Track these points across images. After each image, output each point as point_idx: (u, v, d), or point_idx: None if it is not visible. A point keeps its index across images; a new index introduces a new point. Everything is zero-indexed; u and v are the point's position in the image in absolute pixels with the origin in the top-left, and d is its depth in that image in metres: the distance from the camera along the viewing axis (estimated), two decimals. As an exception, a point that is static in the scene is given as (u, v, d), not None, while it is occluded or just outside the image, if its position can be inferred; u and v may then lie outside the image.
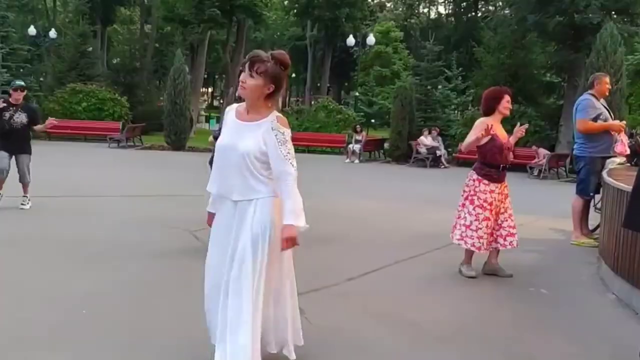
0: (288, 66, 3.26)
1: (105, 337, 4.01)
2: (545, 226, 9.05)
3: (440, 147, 21.10)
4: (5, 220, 7.97)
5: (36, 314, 4.41)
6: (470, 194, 5.82)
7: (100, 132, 23.81)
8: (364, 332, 4.33)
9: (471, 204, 5.79)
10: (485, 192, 5.78)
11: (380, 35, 42.57)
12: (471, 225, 5.78)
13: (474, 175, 5.88)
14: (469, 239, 5.79)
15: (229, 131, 3.34)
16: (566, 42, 22.15)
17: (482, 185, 5.80)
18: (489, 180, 5.81)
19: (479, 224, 5.76)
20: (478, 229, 5.76)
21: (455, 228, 5.96)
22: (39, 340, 3.92)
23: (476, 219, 5.76)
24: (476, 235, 5.77)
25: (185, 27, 33.10)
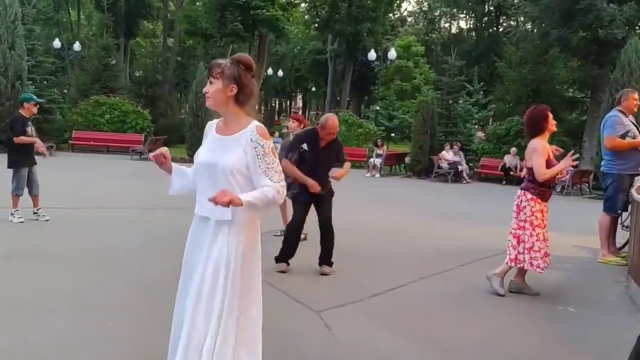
0: (249, 66, 2.99)
1: (133, 350, 4.00)
2: (570, 243, 8.91)
3: (461, 162, 20.97)
4: (30, 233, 8.03)
5: (64, 326, 4.42)
6: (528, 215, 5.73)
7: (122, 145, 24.00)
8: (389, 350, 4.28)
9: (530, 225, 5.72)
10: (540, 211, 5.74)
11: (401, 49, 42.63)
12: (533, 247, 5.70)
13: (527, 195, 5.78)
14: (534, 261, 5.71)
15: (208, 146, 3.05)
16: (589, 57, 22.00)
17: (537, 204, 5.73)
18: (541, 199, 5.76)
19: (540, 244, 5.70)
20: (540, 249, 5.71)
21: (521, 252, 5.79)
22: (69, 352, 3.92)
23: (537, 239, 5.70)
24: (540, 255, 5.71)
25: (207, 40, 33.46)
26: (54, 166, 13.70)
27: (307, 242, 8.09)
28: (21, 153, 8.58)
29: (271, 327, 4.60)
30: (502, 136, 22.24)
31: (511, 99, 25.64)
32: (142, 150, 22.75)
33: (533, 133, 5.88)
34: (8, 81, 20.04)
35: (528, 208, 5.75)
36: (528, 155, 5.86)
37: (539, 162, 5.68)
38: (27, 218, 8.48)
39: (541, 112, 5.89)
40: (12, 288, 5.38)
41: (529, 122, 5.94)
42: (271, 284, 5.79)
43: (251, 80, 3.00)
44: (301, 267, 6.60)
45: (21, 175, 8.56)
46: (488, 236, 8.74)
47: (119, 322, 4.53)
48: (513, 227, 5.87)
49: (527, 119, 5.96)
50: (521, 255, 5.79)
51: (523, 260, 5.78)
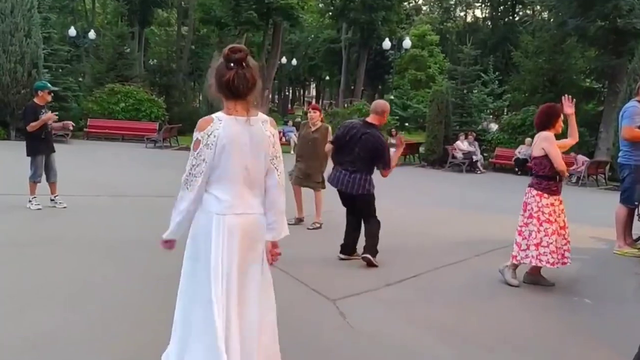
0: (227, 57, 2.94)
1: (151, 335, 4.03)
2: (586, 235, 8.85)
3: (476, 152, 20.86)
4: (48, 220, 8.10)
5: (81, 315, 4.46)
6: (534, 211, 5.72)
7: (137, 133, 24.08)
8: (406, 340, 4.28)
9: (537, 221, 5.70)
10: (547, 205, 5.71)
11: (415, 38, 42.42)
12: (542, 242, 5.68)
13: (533, 191, 5.79)
14: (543, 257, 5.69)
15: None
16: (607, 47, 21.77)
17: (543, 199, 5.71)
18: (548, 193, 5.74)
19: (549, 239, 5.67)
20: (549, 244, 5.67)
21: (524, 249, 5.79)
22: (87, 340, 3.96)
23: (545, 234, 5.67)
24: (548, 251, 5.68)
25: (221, 29, 33.40)
26: (70, 154, 13.83)
27: (322, 231, 8.14)
28: (38, 141, 8.63)
29: (287, 315, 4.62)
30: (518, 126, 22.09)
31: (527, 89, 25.46)
32: (156, 138, 22.86)
33: (542, 126, 5.88)
34: (24, 69, 20.13)
35: (534, 204, 5.75)
36: (537, 145, 5.84)
37: (554, 152, 5.67)
38: (45, 205, 8.55)
39: (555, 110, 5.89)
40: (29, 275, 5.43)
41: (541, 115, 5.92)
42: (287, 273, 5.82)
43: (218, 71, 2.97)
44: (317, 256, 6.62)
45: (38, 163, 8.63)
46: (502, 227, 8.68)
47: (133, 312, 4.57)
48: (519, 223, 5.89)
49: (541, 111, 5.97)
50: (523, 252, 5.79)
51: (526, 256, 5.77)
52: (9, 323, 4.18)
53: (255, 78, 2.99)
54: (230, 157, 2.95)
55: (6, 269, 5.59)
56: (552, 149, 5.68)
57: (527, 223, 5.79)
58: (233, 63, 2.92)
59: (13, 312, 4.39)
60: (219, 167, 2.96)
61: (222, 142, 2.92)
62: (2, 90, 19.93)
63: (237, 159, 2.96)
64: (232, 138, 2.94)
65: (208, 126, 2.94)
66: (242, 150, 2.96)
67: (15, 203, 8.60)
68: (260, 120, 3.04)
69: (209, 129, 2.93)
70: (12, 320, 4.22)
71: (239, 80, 2.92)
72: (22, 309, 4.49)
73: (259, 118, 3.04)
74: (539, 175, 5.81)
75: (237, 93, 2.95)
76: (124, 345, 3.89)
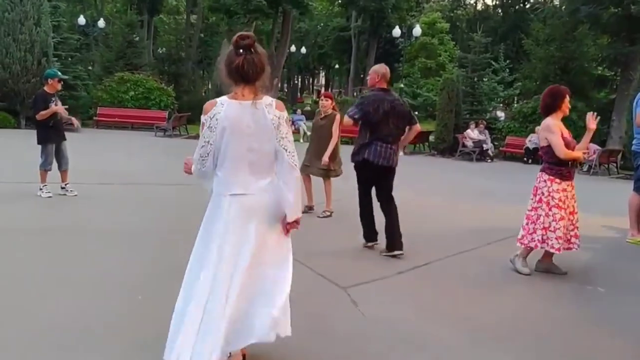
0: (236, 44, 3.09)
1: (163, 323, 4.02)
2: (598, 223, 8.79)
3: (487, 140, 20.73)
4: (58, 208, 8.11)
5: (93, 302, 4.46)
6: (544, 195, 5.67)
7: (146, 121, 24.10)
8: (418, 329, 4.25)
9: (547, 206, 5.65)
10: (558, 191, 5.66)
11: (425, 26, 42.01)
12: (550, 227, 5.64)
13: (544, 176, 5.73)
14: (549, 241, 5.66)
15: None
16: (620, 34, 21.52)
17: (554, 184, 5.66)
18: (560, 179, 5.69)
19: (556, 225, 5.63)
20: (556, 229, 5.63)
21: (530, 232, 5.76)
22: (100, 328, 3.96)
23: (554, 219, 5.63)
24: (555, 236, 5.63)
25: (230, 17, 33.28)
26: (79, 142, 13.83)
27: (332, 219, 8.11)
28: (48, 129, 8.63)
29: (298, 303, 4.60)
30: (529, 115, 21.93)
31: (538, 77, 25.22)
32: (166, 127, 22.86)
33: (547, 109, 5.82)
34: (34, 58, 20.17)
35: (545, 189, 5.70)
36: (542, 135, 5.79)
37: (555, 141, 5.61)
38: (55, 193, 8.56)
39: (559, 91, 5.82)
40: (40, 263, 5.44)
41: (545, 98, 5.87)
42: (298, 261, 5.78)
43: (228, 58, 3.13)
44: (328, 244, 6.60)
45: (49, 151, 8.63)
46: (513, 215, 8.57)
47: (148, 297, 4.56)
48: (528, 208, 5.85)
49: (545, 94, 5.91)
50: (530, 235, 5.75)
51: (532, 240, 5.73)
52: (21, 311, 4.17)
53: (264, 63, 3.12)
54: (232, 140, 3.08)
55: (18, 256, 5.59)
56: (553, 138, 5.62)
57: (536, 207, 5.75)
58: (242, 49, 3.06)
59: (26, 300, 4.40)
60: (221, 149, 3.11)
61: (223, 125, 3.06)
62: (12, 79, 19.98)
63: (239, 141, 3.09)
64: (233, 121, 3.07)
65: (212, 108, 3.11)
66: (244, 133, 3.08)
67: (26, 191, 8.62)
68: (264, 103, 3.13)
69: (212, 112, 3.10)
70: (25, 308, 4.22)
71: (248, 65, 3.06)
72: (36, 296, 4.49)
73: (263, 101, 3.13)
74: (550, 162, 5.75)
75: (246, 78, 3.08)
76: (141, 331, 3.88)
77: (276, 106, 3.16)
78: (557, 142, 5.61)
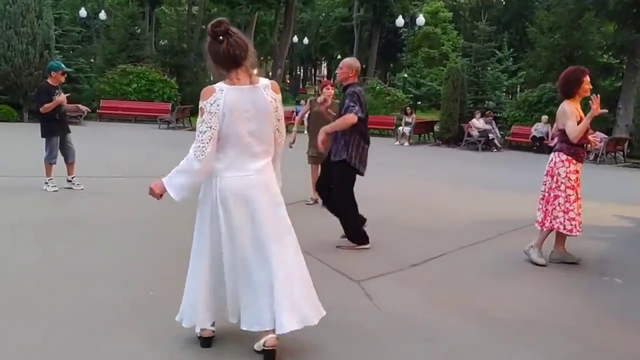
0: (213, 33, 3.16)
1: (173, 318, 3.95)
2: (610, 213, 8.70)
3: (492, 130, 20.57)
4: (65, 201, 8.04)
5: (105, 296, 4.38)
6: (561, 176, 5.58)
7: (150, 114, 23.99)
8: (435, 321, 4.16)
9: (564, 187, 5.57)
10: (574, 172, 5.60)
11: (428, 15, 41.78)
12: (566, 209, 5.56)
13: (562, 156, 5.61)
14: (567, 223, 5.57)
15: None
16: (627, 21, 21.31)
17: (572, 165, 5.58)
18: (576, 160, 5.62)
19: (570, 206, 5.56)
20: (570, 210, 5.56)
21: (550, 214, 5.66)
22: (112, 322, 3.88)
23: (568, 200, 5.55)
24: (567, 217, 5.56)
25: (232, 8, 33.12)
26: (83, 135, 13.72)
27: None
28: (52, 122, 8.54)
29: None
30: (534, 103, 21.78)
31: (542, 66, 25.06)
32: (169, 119, 22.76)
33: (565, 93, 5.74)
34: (36, 50, 20.07)
35: (563, 169, 5.60)
36: (559, 118, 5.73)
37: (569, 124, 5.53)
38: (61, 187, 8.49)
39: (577, 74, 5.70)
40: (48, 257, 5.37)
41: (561, 82, 5.79)
42: (309, 254, 5.71)
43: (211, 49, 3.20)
44: (336, 236, 6.50)
45: (53, 144, 8.55)
46: (523, 205, 8.54)
47: (159, 291, 4.48)
48: (545, 190, 5.73)
49: (561, 78, 5.81)
50: (550, 217, 5.65)
51: (552, 222, 5.63)
52: (31, 305, 4.10)
53: (246, 42, 3.21)
54: (232, 124, 3.16)
55: (27, 250, 5.53)
56: (568, 122, 5.55)
57: (553, 188, 5.64)
58: (221, 36, 3.15)
59: (36, 294, 4.32)
60: (222, 133, 3.18)
61: (224, 111, 3.13)
62: (14, 72, 19.89)
63: (240, 125, 3.17)
64: (234, 106, 3.15)
65: (211, 95, 3.16)
66: (244, 117, 3.17)
67: (32, 185, 8.55)
68: (262, 86, 3.23)
69: (212, 98, 3.15)
70: (34, 302, 4.15)
71: (234, 48, 3.15)
72: (46, 290, 4.42)
73: (260, 84, 3.23)
74: (567, 143, 5.63)
75: (235, 60, 3.17)
76: (152, 323, 3.81)
77: (272, 88, 3.28)
78: (571, 126, 5.52)
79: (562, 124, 5.65)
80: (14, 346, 3.48)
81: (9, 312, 4.00)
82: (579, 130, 5.50)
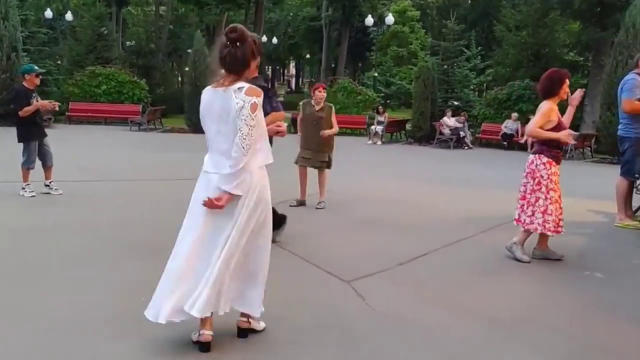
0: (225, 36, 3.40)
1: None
2: (584, 208, 8.89)
3: (464, 128, 20.84)
4: (43, 207, 7.93)
5: (95, 301, 4.35)
6: (544, 178, 5.69)
7: (120, 116, 23.73)
8: (430, 320, 4.22)
9: (546, 189, 5.69)
10: (554, 174, 5.73)
11: (397, 14, 42.12)
12: (547, 210, 5.68)
13: (543, 158, 5.72)
14: (547, 224, 5.70)
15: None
16: (592, 20, 21.77)
17: (552, 167, 5.71)
18: (556, 161, 5.74)
19: (552, 207, 5.68)
20: (552, 212, 5.68)
21: (530, 215, 5.78)
22: (102, 327, 3.86)
23: (551, 202, 5.68)
24: (552, 218, 5.69)
25: (201, 8, 32.90)
26: (53, 138, 13.52)
27: (326, 210, 8.07)
28: (30, 126, 8.42)
29: (306, 297, 4.58)
30: (504, 101, 22.11)
31: (510, 63, 25.45)
32: (140, 121, 22.54)
33: (544, 93, 5.85)
34: (3, 53, 19.72)
35: (545, 171, 5.71)
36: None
37: (535, 119, 5.70)
38: (39, 192, 8.38)
39: (559, 75, 5.84)
40: (29, 263, 5.30)
41: (543, 82, 5.90)
42: (295, 254, 5.79)
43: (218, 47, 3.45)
44: (324, 236, 6.57)
45: (32, 149, 8.43)
46: (500, 202, 8.71)
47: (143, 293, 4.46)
48: (525, 191, 5.83)
49: (543, 77, 5.92)
50: (529, 218, 5.77)
51: (532, 222, 5.75)
52: (19, 310, 4.06)
53: (247, 57, 3.40)
54: (206, 123, 3.48)
55: (6, 256, 5.45)
56: (535, 118, 5.73)
57: (535, 190, 5.74)
58: (229, 42, 3.37)
59: (24, 299, 4.27)
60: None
61: (201, 110, 3.49)
62: (-19, 75, 19.49)
63: (211, 125, 3.45)
64: (205, 106, 3.47)
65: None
66: (212, 117, 3.43)
67: (7, 191, 8.41)
68: (233, 88, 3.35)
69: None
70: (24, 308, 4.11)
71: (230, 58, 3.37)
72: (36, 295, 4.37)
73: (232, 87, 3.36)
74: (547, 145, 5.77)
75: (227, 69, 3.40)
76: (142, 328, 3.80)
77: (245, 91, 3.34)
78: (535, 121, 5.70)
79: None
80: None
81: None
82: (534, 133, 5.71)
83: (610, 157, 17.65)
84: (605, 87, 17.71)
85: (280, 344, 3.70)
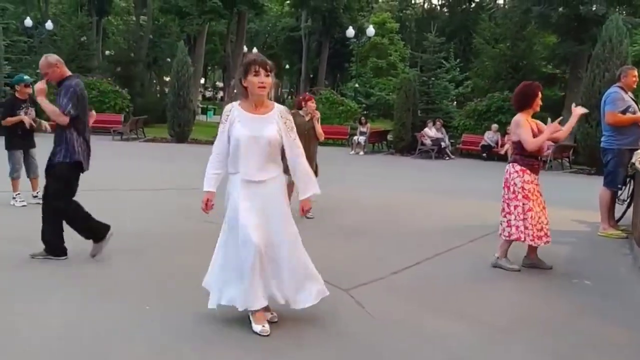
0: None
1: (172, 329, 4.00)
2: (568, 218, 9.08)
3: (444, 138, 21.12)
4: (31, 216, 7.89)
5: (97, 311, 4.40)
6: (517, 186, 5.83)
7: (102, 125, 23.48)
8: (431, 327, 4.33)
9: (521, 197, 5.81)
10: (529, 182, 5.83)
11: (376, 26, 42.43)
12: (526, 218, 5.80)
13: (516, 167, 5.87)
14: (527, 231, 5.81)
15: (247, 124, 3.98)
16: (569, 33, 22.22)
17: (526, 175, 5.83)
18: (530, 170, 5.87)
19: (524, 215, 5.80)
20: (524, 219, 5.80)
21: (510, 225, 5.89)
22: (110, 336, 3.92)
23: (523, 210, 5.80)
24: (523, 225, 5.80)
25: (182, 18, 32.92)
26: (38, 148, 13.45)
27: (314, 220, 8.15)
28: (13, 136, 8.43)
29: (306, 308, 4.64)
30: (483, 112, 22.43)
31: (489, 75, 25.85)
32: (123, 130, 22.45)
33: (519, 106, 6.00)
34: (-16, 61, 19.57)
35: (518, 179, 5.83)
36: (512, 130, 5.99)
37: (524, 134, 5.79)
38: (29, 202, 8.36)
39: (532, 89, 6.00)
40: (25, 274, 5.32)
41: (517, 96, 6.06)
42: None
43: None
44: (314, 245, 6.60)
45: (15, 158, 8.45)
46: (485, 211, 8.86)
47: (153, 303, 4.52)
48: (504, 201, 5.96)
49: (517, 91, 6.09)
50: (509, 228, 5.88)
51: (511, 233, 5.87)
52: (18, 325, 4.10)
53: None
54: None
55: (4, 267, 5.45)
56: (522, 134, 5.80)
57: (511, 198, 5.87)
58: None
59: (22, 312, 4.31)
60: None
61: None
62: (-38, 84, 19.31)
63: None
64: None
65: None
66: None
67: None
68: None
69: None
70: (21, 322, 4.14)
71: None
72: (23, 306, 4.40)
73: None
74: (522, 154, 5.90)
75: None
76: (154, 337, 3.86)
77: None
78: (526, 137, 5.78)
79: (517, 136, 5.91)
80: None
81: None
82: (538, 141, 5.80)
83: (588, 168, 18.00)
84: (583, 99, 18.04)
85: (282, 350, 3.78)
